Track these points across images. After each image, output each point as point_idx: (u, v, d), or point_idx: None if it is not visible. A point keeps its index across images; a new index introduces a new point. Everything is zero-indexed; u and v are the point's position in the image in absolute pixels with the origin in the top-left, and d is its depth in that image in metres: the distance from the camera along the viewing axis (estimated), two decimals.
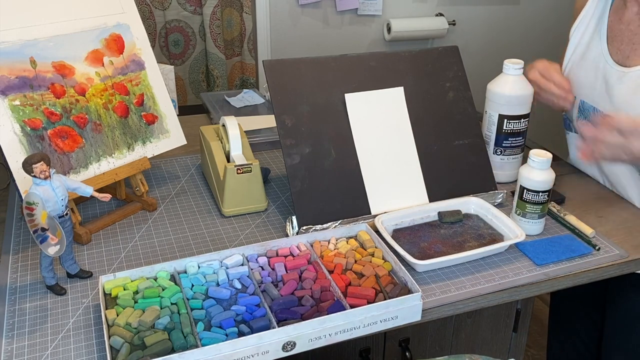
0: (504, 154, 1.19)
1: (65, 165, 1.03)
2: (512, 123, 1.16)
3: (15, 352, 0.79)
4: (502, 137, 1.18)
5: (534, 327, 2.26)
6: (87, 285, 0.92)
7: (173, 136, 1.21)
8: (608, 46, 1.17)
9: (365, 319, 0.82)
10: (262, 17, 2.38)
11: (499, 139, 1.18)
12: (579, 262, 0.99)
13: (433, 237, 1.03)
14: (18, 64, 0.99)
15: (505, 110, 1.16)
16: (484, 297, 0.92)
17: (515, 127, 1.17)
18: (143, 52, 1.18)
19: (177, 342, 0.77)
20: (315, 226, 1.03)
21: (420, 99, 1.16)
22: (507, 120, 1.16)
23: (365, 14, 2.48)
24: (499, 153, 1.20)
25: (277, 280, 0.90)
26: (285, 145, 1.06)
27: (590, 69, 1.20)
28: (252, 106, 1.65)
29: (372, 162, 1.10)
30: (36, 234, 0.82)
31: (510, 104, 1.15)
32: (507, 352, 1.22)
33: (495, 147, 1.19)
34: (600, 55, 1.18)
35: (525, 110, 1.17)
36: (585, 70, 1.21)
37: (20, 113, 0.98)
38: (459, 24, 2.60)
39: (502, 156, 1.20)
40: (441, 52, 1.20)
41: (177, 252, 1.01)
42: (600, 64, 1.18)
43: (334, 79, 1.11)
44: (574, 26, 1.25)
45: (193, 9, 2.49)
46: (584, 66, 1.22)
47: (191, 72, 2.60)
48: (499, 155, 1.20)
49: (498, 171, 1.20)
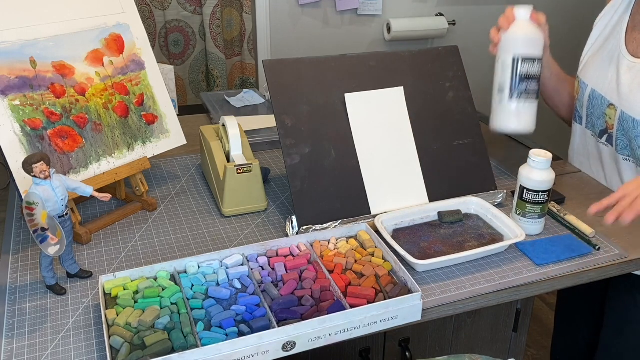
0: (520, 98, 1.11)
1: (65, 165, 1.03)
2: (527, 64, 1.10)
3: (15, 352, 0.79)
4: (518, 80, 1.11)
5: (534, 327, 2.26)
6: (87, 285, 0.92)
7: (173, 136, 1.21)
8: (626, 36, 1.17)
9: (365, 318, 0.82)
10: (262, 17, 2.38)
11: (514, 82, 1.11)
12: (579, 262, 0.99)
13: (433, 237, 1.03)
14: (18, 64, 0.99)
15: (520, 50, 1.11)
16: (484, 297, 0.92)
17: (530, 69, 1.11)
18: (143, 52, 1.18)
19: (177, 342, 0.77)
20: (315, 226, 1.03)
21: (420, 99, 1.16)
22: (521, 62, 1.11)
23: (365, 14, 2.48)
24: (515, 97, 1.12)
25: (277, 280, 0.90)
26: (285, 145, 1.06)
27: (606, 58, 1.20)
28: (252, 106, 1.65)
29: (372, 162, 1.10)
30: (36, 234, 0.82)
31: (524, 43, 1.11)
32: (507, 352, 1.22)
33: (510, 91, 1.12)
34: (617, 45, 1.18)
35: (538, 52, 1.12)
36: (602, 60, 1.21)
37: (20, 113, 0.98)
38: (459, 24, 2.60)
39: (519, 101, 1.12)
40: (441, 52, 1.20)
41: (177, 252, 1.01)
42: (615, 53, 1.18)
43: (334, 79, 1.11)
44: (599, 16, 1.25)
45: (193, 9, 2.49)
46: (601, 55, 1.21)
47: (191, 72, 2.60)
48: (515, 101, 1.12)
49: (514, 119, 1.13)
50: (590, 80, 1.21)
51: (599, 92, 1.19)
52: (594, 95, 1.20)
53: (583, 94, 1.24)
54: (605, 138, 1.20)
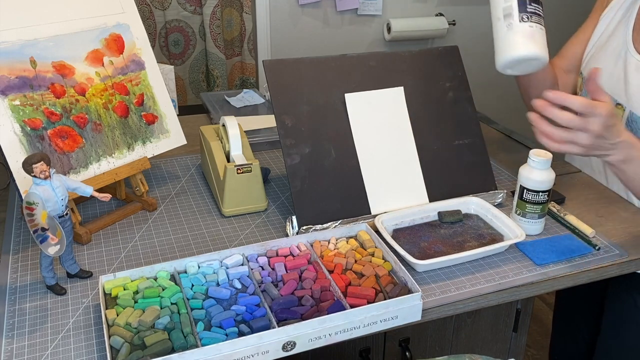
0: (532, 20, 1.02)
1: (65, 165, 1.03)
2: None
3: (15, 352, 0.79)
4: (527, 1, 1.02)
5: (534, 327, 2.26)
6: (87, 285, 0.92)
7: (173, 136, 1.21)
8: (633, 34, 1.14)
9: (365, 318, 0.82)
10: (262, 17, 2.38)
11: (522, 2, 1.02)
12: (579, 262, 0.99)
13: (433, 237, 1.03)
14: (18, 64, 0.99)
15: None
16: (484, 297, 0.92)
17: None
18: (143, 52, 1.18)
19: (177, 342, 0.77)
20: (315, 226, 1.03)
21: (420, 99, 1.16)
22: None
23: (365, 14, 2.48)
24: (526, 19, 1.02)
25: (277, 280, 0.90)
26: (285, 145, 1.06)
27: (611, 56, 1.17)
28: (252, 106, 1.65)
29: (372, 162, 1.10)
30: (36, 234, 0.82)
31: None
32: (507, 352, 1.22)
33: (520, 13, 1.02)
34: (624, 43, 1.15)
35: None
36: (607, 57, 1.18)
37: (20, 113, 0.98)
38: (459, 24, 2.60)
39: (531, 23, 1.02)
40: (441, 52, 1.20)
41: (177, 252, 1.01)
42: (622, 51, 1.15)
43: (334, 79, 1.11)
44: (606, 10, 1.22)
45: (193, 9, 2.49)
46: (606, 52, 1.19)
47: (191, 72, 2.61)
48: (527, 22, 1.02)
49: (530, 41, 1.01)
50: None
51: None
52: None
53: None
54: None
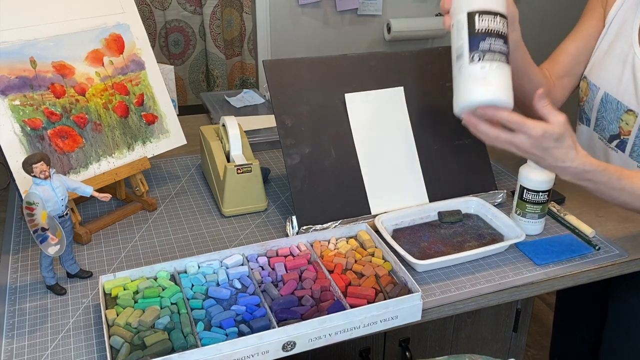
0: (485, 60, 0.87)
1: (65, 165, 1.03)
2: (486, 19, 0.89)
3: (15, 352, 0.79)
4: (478, 38, 0.88)
5: (534, 327, 2.26)
6: (87, 285, 0.92)
7: (173, 136, 1.21)
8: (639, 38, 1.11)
9: (365, 318, 0.82)
10: (262, 17, 2.38)
11: (473, 40, 0.88)
12: (579, 262, 0.99)
13: (433, 237, 1.03)
14: (18, 64, 0.99)
15: (474, 4, 0.90)
16: (484, 297, 0.92)
17: (492, 25, 0.89)
18: (143, 52, 1.18)
19: (177, 342, 0.77)
20: (315, 226, 1.03)
21: (420, 99, 1.16)
22: (478, 16, 0.89)
23: (365, 14, 2.48)
24: (477, 59, 0.87)
25: (277, 280, 0.90)
26: (285, 145, 1.06)
27: (617, 60, 1.14)
28: (252, 106, 1.65)
29: (372, 162, 1.10)
30: (36, 234, 0.82)
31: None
32: (507, 352, 1.22)
33: (471, 52, 0.88)
34: (630, 47, 1.12)
35: (498, 6, 0.90)
36: (612, 61, 1.15)
37: (20, 113, 0.98)
38: None
39: (483, 63, 0.87)
40: (441, 52, 1.20)
41: (177, 252, 1.01)
42: (629, 56, 1.12)
43: (334, 79, 1.11)
44: (611, 13, 1.17)
45: (193, 9, 2.49)
46: (612, 56, 1.16)
47: (191, 72, 2.61)
48: (479, 63, 0.87)
49: (480, 85, 0.87)
50: (603, 83, 1.16)
51: (613, 97, 1.14)
52: (607, 99, 1.15)
53: (594, 97, 1.19)
54: (615, 143, 1.16)
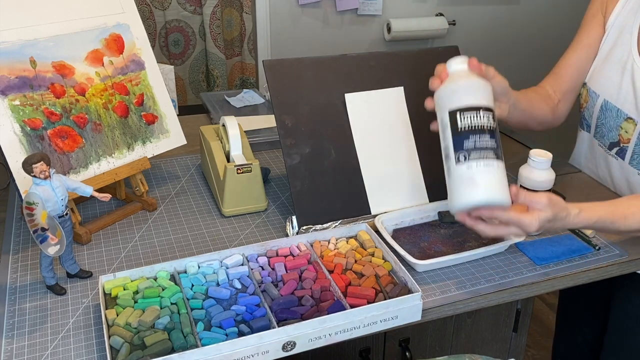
0: (471, 160, 0.84)
1: (65, 165, 1.03)
2: (469, 116, 0.86)
3: (15, 352, 0.79)
4: (462, 137, 0.86)
5: (534, 327, 2.26)
6: (87, 285, 0.92)
7: (173, 136, 1.21)
8: (638, 45, 1.10)
9: (365, 318, 0.82)
10: (262, 17, 2.38)
11: (457, 140, 0.86)
12: (579, 262, 0.99)
13: (433, 237, 1.03)
14: (18, 64, 0.99)
15: (455, 102, 0.87)
16: (484, 297, 0.92)
17: (476, 121, 0.85)
18: (143, 52, 1.18)
19: (177, 342, 0.77)
20: (315, 226, 1.03)
21: (420, 99, 1.15)
22: (460, 114, 0.86)
23: (365, 14, 2.48)
24: (463, 159, 0.85)
25: (277, 280, 0.90)
26: (285, 145, 1.06)
27: (616, 66, 1.13)
28: (252, 106, 1.65)
29: (372, 162, 1.10)
30: (36, 234, 0.82)
31: (460, 94, 0.88)
32: (507, 352, 1.22)
33: (456, 152, 0.86)
34: (629, 54, 1.11)
35: (481, 101, 0.87)
36: (611, 68, 1.14)
37: (20, 113, 0.98)
38: (459, 24, 2.60)
39: (469, 163, 0.84)
40: (441, 52, 1.20)
41: (177, 252, 1.01)
42: (628, 62, 1.11)
43: (334, 79, 1.11)
44: (611, 19, 1.16)
45: (193, 9, 2.49)
46: (611, 63, 1.14)
47: (191, 72, 2.61)
48: (465, 163, 0.85)
49: (468, 187, 0.85)
50: (602, 90, 1.15)
51: (613, 104, 1.13)
52: (607, 106, 1.14)
53: (593, 104, 1.18)
54: (615, 151, 1.16)
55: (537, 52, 2.74)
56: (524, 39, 2.75)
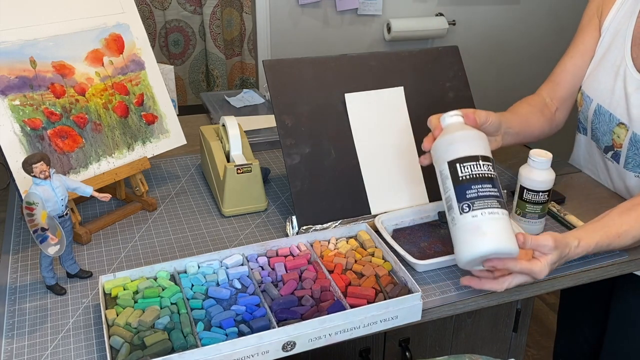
0: (475, 209, 0.83)
1: (65, 165, 1.03)
2: (468, 166, 0.86)
3: (15, 352, 0.79)
4: (464, 187, 0.85)
5: (534, 327, 2.26)
6: (87, 285, 0.92)
7: (173, 136, 1.21)
8: (632, 49, 1.09)
9: (365, 319, 0.82)
10: (262, 17, 2.38)
11: (459, 190, 0.85)
12: (579, 262, 0.99)
13: (433, 237, 1.03)
14: (18, 64, 0.99)
15: (452, 154, 0.88)
16: (484, 297, 0.92)
17: (475, 170, 0.86)
18: (143, 52, 1.18)
19: (177, 342, 0.77)
20: (315, 226, 1.03)
21: (420, 99, 1.16)
22: (459, 165, 0.86)
23: (365, 14, 2.48)
24: (467, 209, 0.84)
25: (277, 280, 0.90)
26: (285, 145, 1.06)
27: (609, 71, 1.12)
28: (252, 106, 1.65)
29: (372, 162, 1.10)
30: (36, 234, 0.82)
31: (456, 146, 0.88)
32: (507, 352, 1.22)
33: (459, 202, 0.85)
34: (622, 58, 1.10)
35: (478, 150, 0.88)
36: (605, 73, 1.13)
37: (20, 113, 0.98)
38: (459, 24, 2.60)
39: (474, 212, 0.83)
40: (441, 52, 1.20)
41: (177, 252, 1.01)
42: (621, 68, 1.10)
43: (334, 79, 1.11)
44: (606, 23, 1.15)
45: (193, 9, 2.49)
46: (604, 67, 1.14)
47: (191, 72, 2.61)
48: (469, 212, 0.83)
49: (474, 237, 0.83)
50: (595, 94, 1.15)
51: (606, 109, 1.12)
52: (600, 111, 1.14)
53: (587, 108, 1.17)
54: (610, 154, 1.16)
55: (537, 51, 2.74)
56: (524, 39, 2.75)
